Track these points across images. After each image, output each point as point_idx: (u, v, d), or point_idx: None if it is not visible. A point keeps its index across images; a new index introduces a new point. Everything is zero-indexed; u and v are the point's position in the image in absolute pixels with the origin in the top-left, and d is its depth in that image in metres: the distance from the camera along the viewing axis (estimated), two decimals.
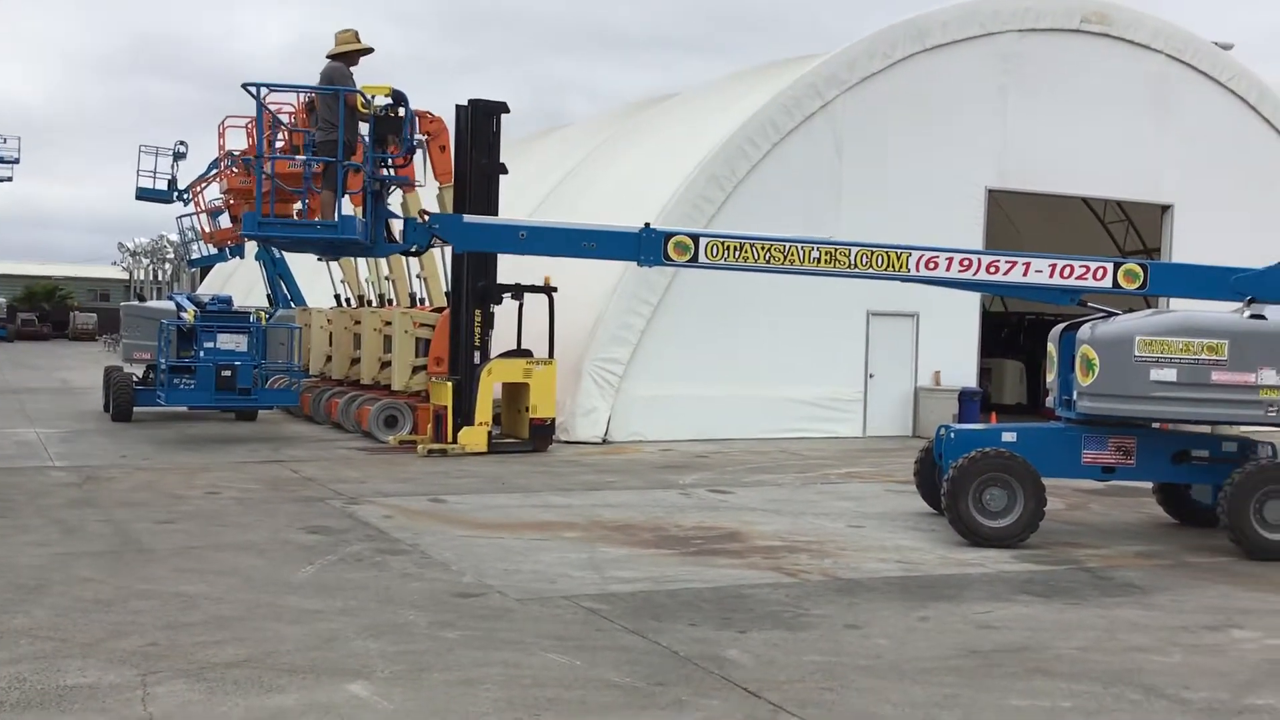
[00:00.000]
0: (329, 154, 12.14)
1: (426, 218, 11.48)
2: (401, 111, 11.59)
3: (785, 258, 11.11)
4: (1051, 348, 11.99)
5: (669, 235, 11.12)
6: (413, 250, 11.98)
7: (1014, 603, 8.68)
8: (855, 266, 11.19)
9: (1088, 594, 9.05)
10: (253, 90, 11.75)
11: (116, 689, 6.23)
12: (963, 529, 10.81)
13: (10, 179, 60.11)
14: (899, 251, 11.25)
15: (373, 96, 11.63)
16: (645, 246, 11.04)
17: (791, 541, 10.84)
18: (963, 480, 10.75)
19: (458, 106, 17.29)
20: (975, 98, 21.68)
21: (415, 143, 12.17)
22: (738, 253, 11.07)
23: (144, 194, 28.83)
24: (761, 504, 13.09)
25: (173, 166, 29.15)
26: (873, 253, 11.21)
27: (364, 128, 12.16)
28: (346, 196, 12.37)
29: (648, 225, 11.17)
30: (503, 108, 17.31)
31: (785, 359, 20.22)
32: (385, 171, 11.89)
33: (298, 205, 12.57)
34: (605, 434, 19.02)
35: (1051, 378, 12.03)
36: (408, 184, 12.58)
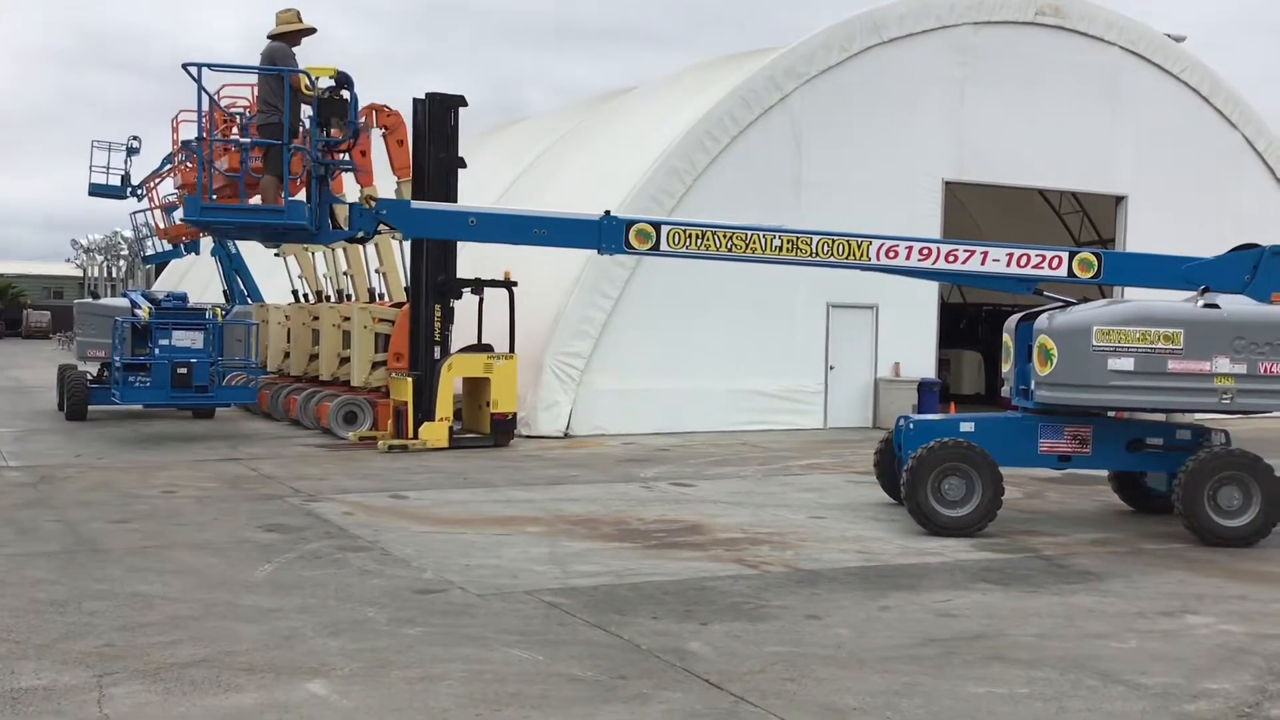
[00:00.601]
0: (270, 137, 11.78)
1: (373, 203, 11.20)
2: (346, 94, 11.18)
3: (747, 246, 11.11)
4: (1007, 338, 12.09)
5: (630, 223, 11.07)
6: (359, 237, 11.62)
7: (972, 591, 8.76)
8: (817, 255, 11.22)
9: (1045, 582, 9.14)
10: (192, 71, 11.19)
11: (72, 690, 6.15)
12: (922, 518, 10.89)
13: None
14: (860, 240, 11.31)
15: (317, 78, 11.21)
16: (606, 234, 10.99)
17: (753, 533, 10.88)
18: (921, 470, 10.83)
19: (415, 100, 17.18)
20: (932, 90, 21.81)
21: (359, 126, 11.72)
22: (700, 241, 11.04)
23: (97, 190, 28.45)
24: (723, 496, 13.13)
25: (126, 162, 28.76)
26: (834, 241, 11.25)
27: (306, 111, 11.64)
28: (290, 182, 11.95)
29: (608, 213, 11.11)
30: (461, 101, 17.21)
31: (746, 352, 20.28)
32: (333, 155, 11.45)
33: (255, 199, 12.23)
34: (567, 428, 19.00)
35: (1007, 368, 12.13)
36: (352, 168, 12.08)
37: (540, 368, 18.84)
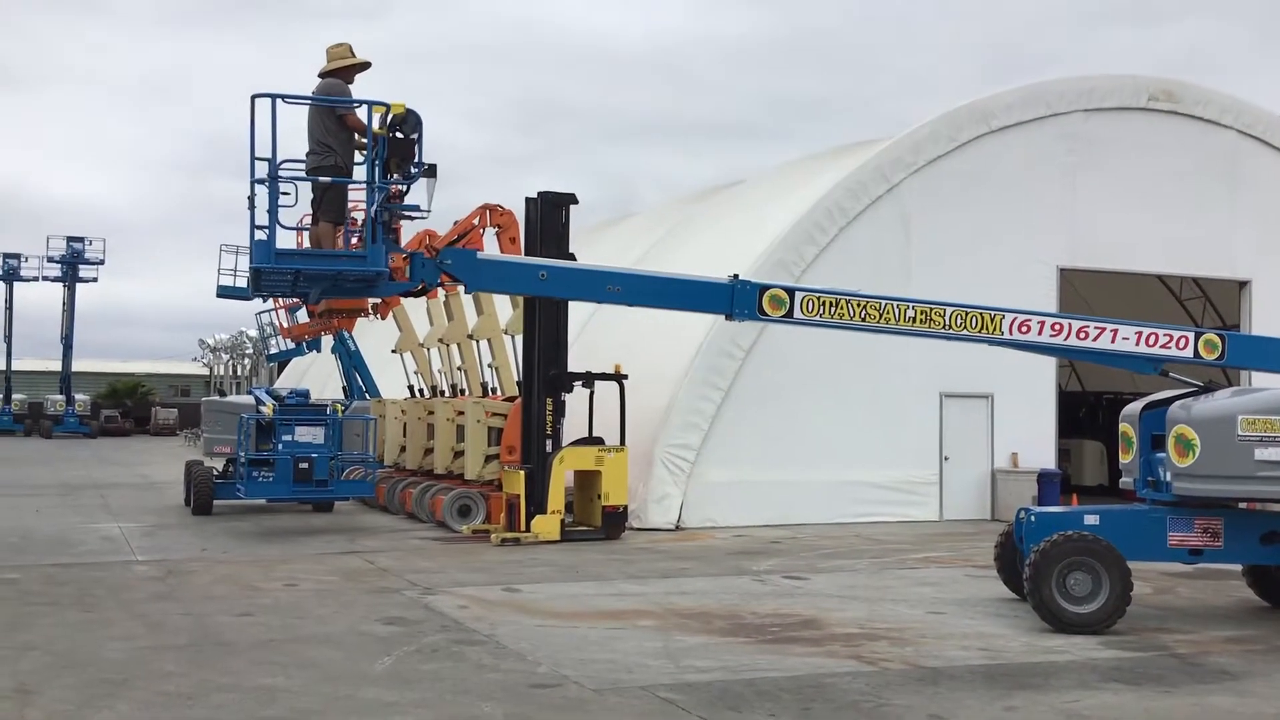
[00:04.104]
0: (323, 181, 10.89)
1: (435, 252, 10.65)
2: (413, 134, 10.41)
3: (881, 316, 11.06)
4: (1127, 427, 11.81)
5: (764, 288, 10.98)
6: (419, 288, 11.10)
7: (1103, 691, 8.45)
8: (949, 327, 11.17)
9: (1179, 681, 8.79)
10: (264, 102, 10.24)
11: None
12: (1046, 615, 10.57)
13: (96, 279, 62.33)
14: (993, 313, 11.27)
15: (389, 115, 10.36)
16: (739, 299, 10.89)
17: (870, 629, 10.67)
18: (1045, 565, 10.55)
19: (527, 199, 17.59)
20: (1043, 177, 21.64)
21: (424, 168, 10.57)
22: (834, 309, 10.98)
23: (225, 292, 29.63)
24: (838, 590, 12.92)
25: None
26: (967, 313, 11.22)
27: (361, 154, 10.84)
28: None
29: (736, 276, 11.07)
30: (571, 199, 17.58)
31: (858, 442, 20.07)
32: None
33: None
34: (678, 520, 18.94)
35: (1128, 458, 11.82)
36: (414, 210, 11.24)
37: (651, 460, 18.89)
